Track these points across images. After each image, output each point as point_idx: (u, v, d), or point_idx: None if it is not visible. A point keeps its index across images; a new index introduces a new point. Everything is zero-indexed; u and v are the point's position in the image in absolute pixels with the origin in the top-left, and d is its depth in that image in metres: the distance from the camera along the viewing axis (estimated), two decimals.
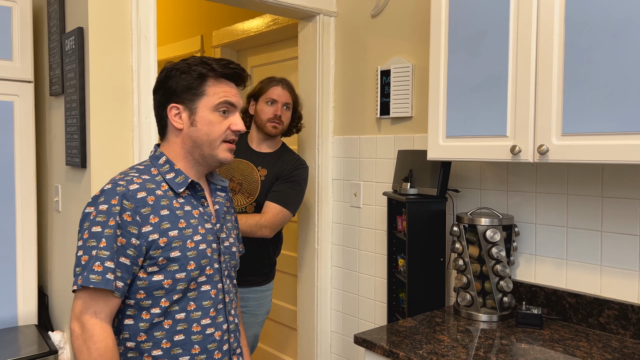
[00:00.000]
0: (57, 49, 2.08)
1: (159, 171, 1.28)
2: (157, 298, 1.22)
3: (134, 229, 1.19)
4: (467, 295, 1.77)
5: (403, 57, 2.22)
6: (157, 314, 1.22)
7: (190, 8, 3.65)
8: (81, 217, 1.22)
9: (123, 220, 1.18)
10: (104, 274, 1.14)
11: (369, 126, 2.38)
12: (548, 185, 1.77)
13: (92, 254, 1.15)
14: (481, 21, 1.60)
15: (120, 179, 1.23)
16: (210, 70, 1.27)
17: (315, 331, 2.56)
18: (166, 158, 1.29)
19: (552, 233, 1.76)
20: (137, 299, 1.21)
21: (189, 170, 1.31)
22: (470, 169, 1.99)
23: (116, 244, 1.16)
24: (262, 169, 2.21)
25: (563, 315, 1.72)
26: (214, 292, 1.30)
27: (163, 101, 1.29)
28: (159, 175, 1.27)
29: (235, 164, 2.24)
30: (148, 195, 1.22)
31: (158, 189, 1.25)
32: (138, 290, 1.21)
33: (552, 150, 1.43)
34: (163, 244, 1.21)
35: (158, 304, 1.22)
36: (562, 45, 1.42)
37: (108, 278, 1.15)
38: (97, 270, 1.14)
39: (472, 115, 1.63)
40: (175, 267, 1.22)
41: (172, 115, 1.28)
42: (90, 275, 1.14)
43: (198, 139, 1.28)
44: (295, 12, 2.45)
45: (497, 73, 1.56)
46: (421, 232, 1.90)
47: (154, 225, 1.21)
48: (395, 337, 1.57)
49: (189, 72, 1.26)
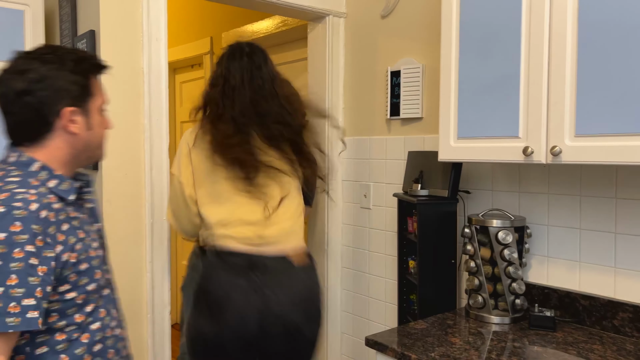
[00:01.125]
0: None
1: (39, 180, 1.08)
2: (71, 316, 1.11)
3: (50, 252, 1.04)
4: (479, 297, 1.75)
5: (413, 58, 2.21)
6: (74, 329, 1.12)
7: (199, 10, 3.66)
8: None
9: (37, 247, 1.01)
10: (23, 314, 0.98)
11: (378, 127, 2.38)
12: (560, 186, 1.76)
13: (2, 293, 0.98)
14: (493, 21, 1.59)
15: (9, 199, 1.01)
16: (94, 66, 1.15)
17: (325, 332, 2.56)
18: (41, 164, 1.10)
19: (564, 234, 1.75)
20: (50, 323, 1.08)
21: (68, 174, 1.15)
22: (481, 170, 1.98)
23: (36, 275, 1.01)
24: None
25: (576, 317, 1.71)
26: (109, 291, 1.24)
27: (49, 102, 1.08)
28: (41, 185, 1.08)
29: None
30: (49, 211, 1.05)
31: (50, 202, 1.07)
32: (50, 314, 1.07)
33: (565, 152, 1.42)
34: (74, 260, 1.09)
35: (73, 321, 1.12)
36: (575, 45, 1.40)
37: (30, 317, 0.99)
38: (15, 312, 0.98)
39: (483, 116, 1.62)
40: (85, 280, 1.12)
41: (66, 120, 1.10)
42: (7, 319, 0.97)
43: (92, 143, 1.16)
44: (305, 14, 2.45)
45: (509, 73, 1.55)
46: (432, 234, 1.89)
47: (62, 243, 1.07)
48: (407, 340, 1.57)
49: (74, 70, 1.10)
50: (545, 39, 1.47)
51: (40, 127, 1.10)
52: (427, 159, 2.03)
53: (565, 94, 1.42)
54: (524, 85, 1.52)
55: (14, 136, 1.11)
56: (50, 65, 1.08)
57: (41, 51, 1.11)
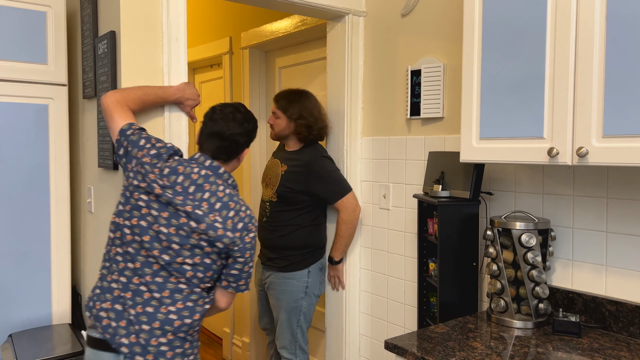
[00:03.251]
0: (90, 52, 2.11)
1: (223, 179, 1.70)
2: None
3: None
4: (501, 301, 1.72)
5: (434, 57, 2.18)
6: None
7: (219, 10, 3.67)
8: (254, 235, 1.65)
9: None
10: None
11: (398, 127, 2.35)
12: (586, 188, 1.71)
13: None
14: (517, 18, 1.55)
15: (242, 200, 1.67)
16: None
17: (343, 334, 2.54)
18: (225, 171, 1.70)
19: (590, 237, 1.70)
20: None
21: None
22: (504, 171, 1.94)
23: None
24: (284, 164, 2.47)
25: (602, 323, 1.66)
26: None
27: (245, 143, 1.74)
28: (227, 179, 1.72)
29: (271, 163, 2.57)
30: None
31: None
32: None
33: (592, 153, 1.38)
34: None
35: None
36: (604, 41, 1.36)
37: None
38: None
39: (507, 116, 1.58)
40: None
41: (242, 155, 1.75)
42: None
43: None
44: (324, 13, 2.43)
45: (534, 72, 1.51)
46: (453, 236, 1.86)
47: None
48: (427, 344, 1.54)
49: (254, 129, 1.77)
50: (572, 35, 1.42)
51: (235, 154, 1.73)
52: (448, 159, 2.00)
53: (593, 92, 1.38)
54: (549, 84, 1.48)
55: (215, 155, 1.68)
56: (252, 123, 1.73)
57: (244, 109, 1.74)
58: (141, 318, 1.54)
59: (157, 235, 1.55)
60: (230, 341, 3.67)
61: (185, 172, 1.59)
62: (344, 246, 2.45)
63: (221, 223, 1.57)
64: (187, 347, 1.61)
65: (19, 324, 2.17)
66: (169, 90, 1.84)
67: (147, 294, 1.55)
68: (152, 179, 1.57)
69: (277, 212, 2.45)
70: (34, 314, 2.20)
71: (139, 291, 1.55)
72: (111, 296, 1.57)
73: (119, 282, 1.57)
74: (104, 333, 1.54)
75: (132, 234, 1.57)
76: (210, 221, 1.55)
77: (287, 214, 2.43)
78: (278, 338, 2.45)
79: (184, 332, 1.58)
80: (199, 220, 1.55)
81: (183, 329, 1.57)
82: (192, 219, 1.55)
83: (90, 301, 1.61)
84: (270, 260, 2.48)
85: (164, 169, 1.58)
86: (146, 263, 1.55)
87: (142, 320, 1.54)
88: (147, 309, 1.54)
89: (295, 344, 2.43)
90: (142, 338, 1.53)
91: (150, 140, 1.64)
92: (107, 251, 1.64)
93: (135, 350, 1.53)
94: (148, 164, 1.59)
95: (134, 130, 1.66)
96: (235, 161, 1.73)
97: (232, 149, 1.69)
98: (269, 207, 2.49)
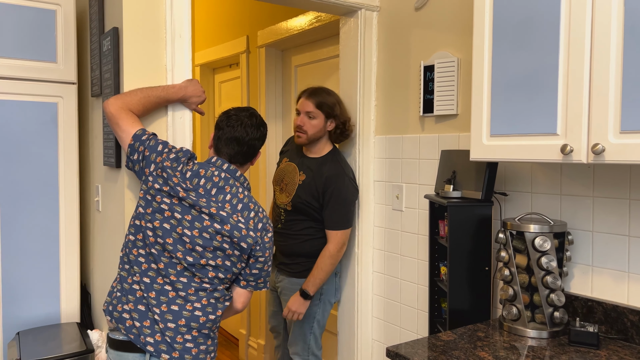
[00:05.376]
0: (97, 50, 2.10)
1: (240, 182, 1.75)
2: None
3: None
4: (514, 309, 1.62)
5: (448, 51, 2.08)
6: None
7: (235, 9, 3.64)
8: (271, 234, 1.71)
9: None
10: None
11: (412, 125, 2.26)
12: (607, 188, 1.59)
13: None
14: (529, 8, 1.45)
15: (257, 202, 1.72)
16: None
17: (355, 338, 2.46)
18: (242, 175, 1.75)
19: (611, 242, 1.58)
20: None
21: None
22: (519, 171, 1.83)
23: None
24: (302, 174, 2.33)
25: (624, 334, 1.54)
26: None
27: (260, 147, 1.77)
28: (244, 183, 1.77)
29: (287, 166, 2.42)
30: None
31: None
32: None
33: (609, 150, 1.27)
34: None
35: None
36: (622, 32, 1.26)
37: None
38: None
39: (518, 111, 1.49)
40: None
41: (256, 158, 1.79)
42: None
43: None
44: (337, 8, 2.37)
45: (547, 65, 1.41)
46: (464, 239, 1.77)
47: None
48: (430, 352, 1.46)
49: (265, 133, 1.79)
50: (587, 26, 1.32)
51: (248, 159, 1.75)
52: (460, 158, 1.90)
53: (610, 86, 1.28)
54: (563, 78, 1.38)
55: (232, 159, 1.71)
56: (264, 128, 1.76)
57: (257, 114, 1.76)
58: (167, 316, 1.57)
59: (181, 238, 1.58)
60: (246, 343, 3.64)
61: (207, 175, 1.64)
62: (321, 281, 2.26)
63: (244, 223, 1.62)
64: (210, 344, 1.65)
65: (27, 322, 2.18)
66: (171, 89, 1.81)
67: (172, 293, 1.58)
68: (176, 183, 1.60)
69: (292, 220, 2.34)
70: (42, 312, 2.21)
71: (163, 290, 1.58)
72: (134, 297, 1.59)
73: (141, 282, 1.59)
74: (127, 334, 1.57)
75: (154, 236, 1.59)
76: (234, 222, 1.60)
77: (301, 223, 2.33)
78: (291, 344, 2.38)
79: (208, 329, 1.62)
80: (223, 222, 1.59)
81: (207, 325, 1.61)
82: (217, 220, 1.58)
83: (109, 305, 1.64)
84: (283, 265, 2.40)
85: (186, 172, 1.62)
86: (170, 264, 1.59)
87: (167, 319, 1.57)
88: (173, 307, 1.58)
89: (308, 351, 2.36)
90: (168, 336, 1.56)
91: (167, 145, 1.69)
92: (125, 253, 1.65)
93: (161, 349, 1.56)
94: (169, 168, 1.62)
95: (148, 135, 1.70)
96: (249, 164, 1.77)
97: (250, 154, 1.73)
98: (283, 214, 2.38)
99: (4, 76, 2.08)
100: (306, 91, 2.33)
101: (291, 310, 2.28)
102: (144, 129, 1.72)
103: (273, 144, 3.32)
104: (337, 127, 2.31)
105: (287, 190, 2.36)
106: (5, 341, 2.13)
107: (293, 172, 2.37)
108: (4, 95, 2.10)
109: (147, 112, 1.81)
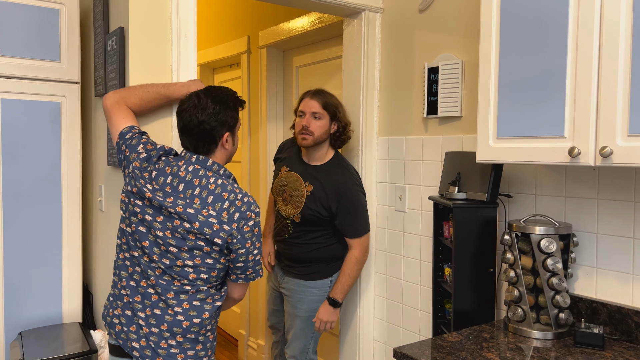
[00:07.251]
0: (101, 49, 2.09)
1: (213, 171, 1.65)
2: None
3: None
4: (519, 310, 1.62)
5: (452, 53, 2.09)
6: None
7: (236, 9, 3.64)
8: (256, 221, 1.58)
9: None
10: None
11: (415, 126, 2.27)
12: (612, 191, 1.60)
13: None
14: (537, 9, 1.46)
15: (239, 188, 1.58)
16: (241, 103, 1.68)
17: (357, 339, 2.47)
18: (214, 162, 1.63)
19: (616, 244, 1.59)
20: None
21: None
22: (524, 172, 1.84)
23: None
24: (309, 184, 2.27)
25: (628, 335, 1.55)
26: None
27: (217, 127, 1.60)
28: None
29: (288, 176, 2.33)
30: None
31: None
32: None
33: (617, 153, 1.28)
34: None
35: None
36: (630, 33, 1.27)
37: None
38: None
39: (525, 113, 1.50)
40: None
41: (224, 140, 1.62)
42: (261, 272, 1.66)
43: (232, 153, 1.69)
44: (340, 9, 2.37)
45: (555, 67, 1.42)
46: (469, 240, 1.78)
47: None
48: (437, 353, 1.46)
49: (233, 108, 1.63)
50: (596, 27, 1.33)
51: (210, 144, 1.60)
52: (465, 160, 1.91)
53: (618, 88, 1.28)
54: (571, 80, 1.39)
55: (195, 149, 1.60)
56: (219, 104, 1.58)
57: (212, 92, 1.60)
58: (150, 321, 1.54)
59: (156, 240, 1.54)
60: (246, 343, 3.64)
61: (173, 171, 1.56)
62: (349, 287, 2.25)
63: (216, 217, 1.51)
64: (200, 349, 1.59)
65: (29, 322, 2.17)
66: (174, 87, 1.80)
67: (154, 296, 1.55)
68: (142, 184, 1.54)
69: (301, 231, 2.29)
70: (44, 312, 2.20)
71: (147, 294, 1.55)
72: (122, 303, 1.59)
73: (128, 287, 1.58)
74: (117, 339, 1.58)
75: (134, 240, 1.57)
76: (204, 217, 1.51)
77: (311, 233, 2.28)
78: (289, 346, 2.36)
79: (194, 333, 1.56)
80: (191, 220, 1.50)
81: (193, 329, 1.55)
82: (185, 219, 1.51)
83: (105, 310, 1.65)
84: (291, 267, 2.35)
85: (152, 172, 1.56)
86: (149, 267, 1.55)
87: (151, 323, 1.54)
88: (155, 311, 1.54)
89: (306, 355, 2.35)
90: (152, 341, 1.53)
91: (146, 145, 1.61)
92: (116, 258, 1.64)
93: (146, 354, 1.53)
94: (138, 169, 1.57)
95: (133, 133, 1.64)
96: (220, 150, 1.62)
97: (207, 138, 1.58)
98: (291, 225, 2.31)
99: (7, 75, 2.08)
100: (309, 92, 2.27)
101: (322, 321, 2.24)
102: (133, 126, 1.66)
103: (274, 145, 3.32)
104: (337, 131, 2.27)
105: (293, 201, 2.28)
106: (7, 341, 2.12)
107: (297, 182, 2.30)
108: (8, 95, 2.09)
109: (147, 108, 1.77)
